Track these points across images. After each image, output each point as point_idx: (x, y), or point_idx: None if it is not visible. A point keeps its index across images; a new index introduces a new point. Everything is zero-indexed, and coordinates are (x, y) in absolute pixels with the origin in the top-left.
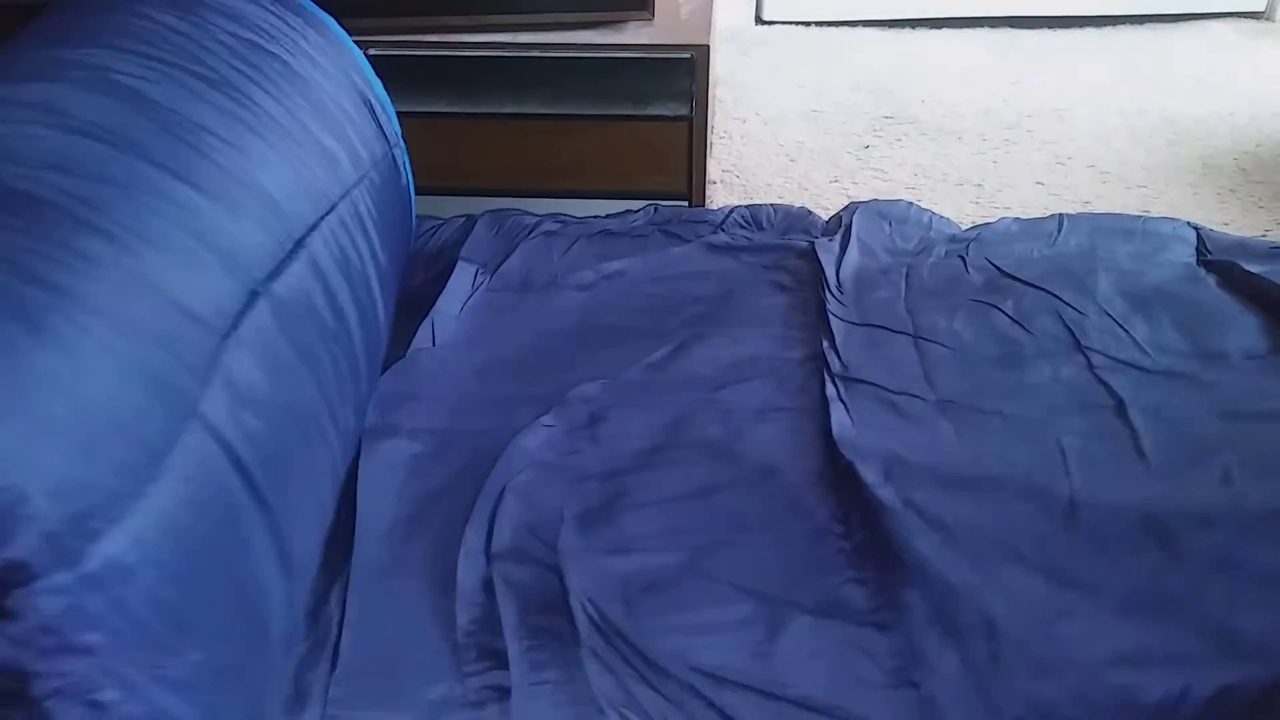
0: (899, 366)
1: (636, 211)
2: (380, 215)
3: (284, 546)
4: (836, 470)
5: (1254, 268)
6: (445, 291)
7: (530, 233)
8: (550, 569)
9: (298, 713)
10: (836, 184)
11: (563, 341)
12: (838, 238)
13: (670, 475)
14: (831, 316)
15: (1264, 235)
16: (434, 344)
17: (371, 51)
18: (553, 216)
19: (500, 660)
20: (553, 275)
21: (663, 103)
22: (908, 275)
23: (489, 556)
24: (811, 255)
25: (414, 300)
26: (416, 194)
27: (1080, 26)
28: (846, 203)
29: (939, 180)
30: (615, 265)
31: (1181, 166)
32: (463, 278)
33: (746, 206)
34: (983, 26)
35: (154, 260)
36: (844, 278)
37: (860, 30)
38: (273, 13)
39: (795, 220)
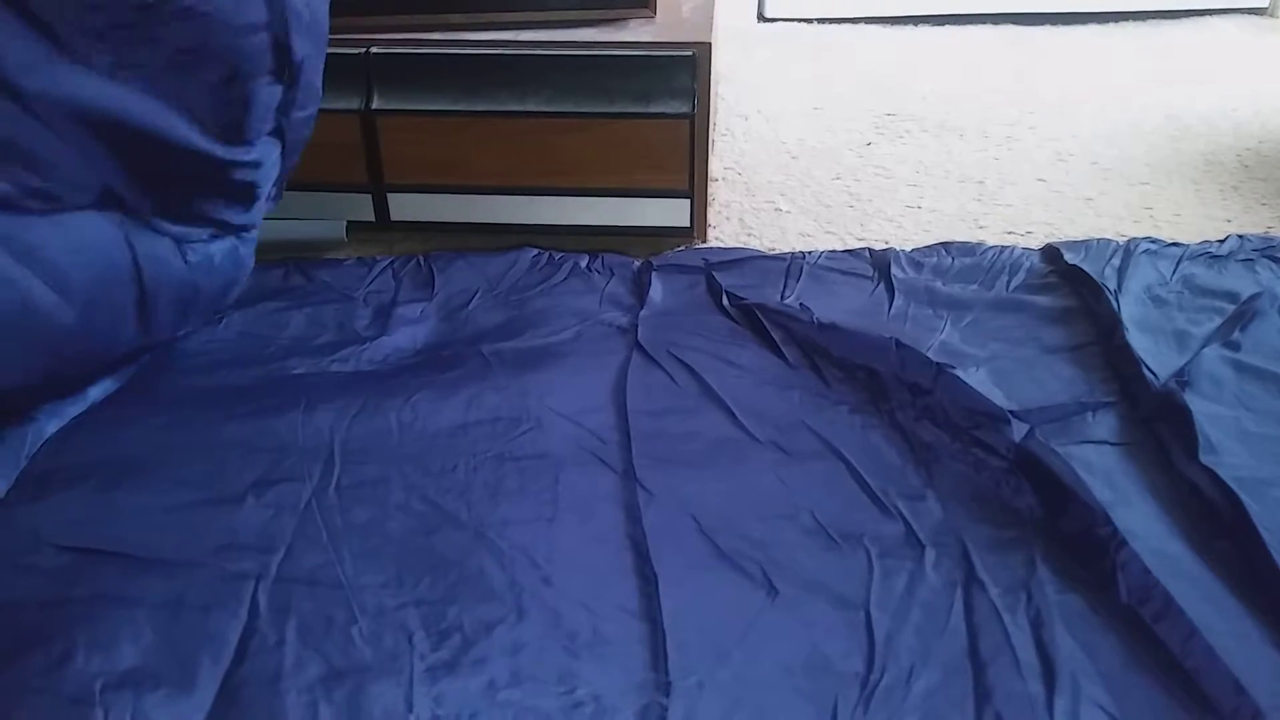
0: None
1: None
2: None
3: None
4: None
5: None
6: None
7: None
8: None
9: None
10: (838, 181)
11: None
12: None
13: None
14: None
15: (1266, 231)
16: None
17: (373, 50)
18: None
19: None
20: None
21: (664, 100)
22: None
23: None
24: None
25: None
26: (417, 192)
27: (1083, 23)
28: (848, 200)
29: (941, 177)
30: None
31: (1184, 163)
32: None
33: None
34: (985, 23)
35: None
36: None
37: (862, 27)
38: None
39: None
